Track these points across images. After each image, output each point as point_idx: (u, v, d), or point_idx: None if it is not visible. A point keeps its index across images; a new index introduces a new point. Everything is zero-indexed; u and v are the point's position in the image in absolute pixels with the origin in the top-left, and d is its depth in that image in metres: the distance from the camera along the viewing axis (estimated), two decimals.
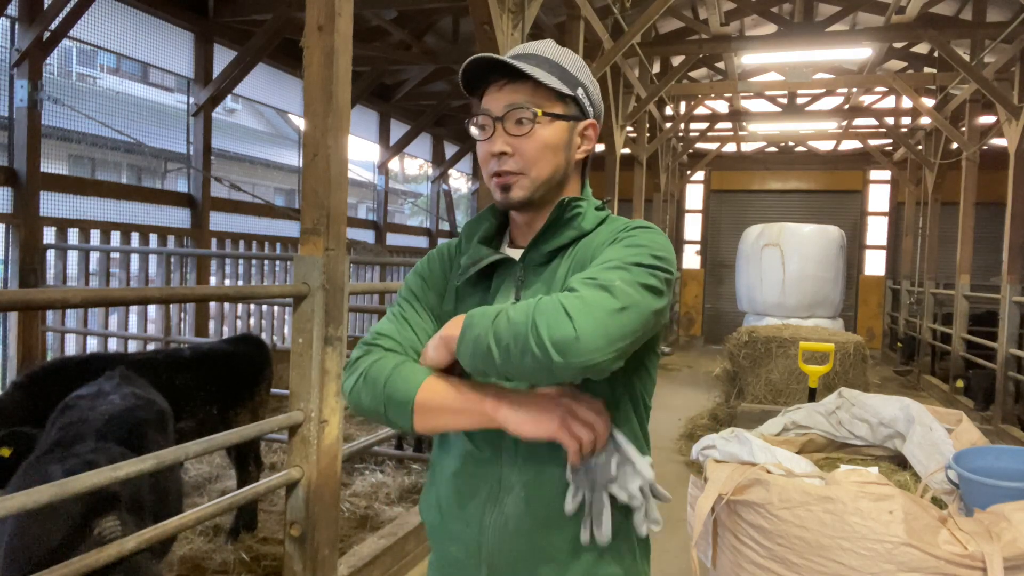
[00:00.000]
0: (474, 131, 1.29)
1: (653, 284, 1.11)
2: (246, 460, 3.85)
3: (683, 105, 11.98)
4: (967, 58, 7.93)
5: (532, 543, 1.21)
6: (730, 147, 14.33)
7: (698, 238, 14.99)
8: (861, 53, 8.80)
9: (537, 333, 1.03)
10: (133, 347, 6.47)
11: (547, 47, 1.30)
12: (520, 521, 1.21)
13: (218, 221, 7.54)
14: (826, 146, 14.17)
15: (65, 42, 5.81)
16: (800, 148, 14.44)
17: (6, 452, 2.52)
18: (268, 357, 4.05)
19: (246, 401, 3.82)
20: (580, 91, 1.29)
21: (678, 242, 14.59)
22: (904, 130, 11.84)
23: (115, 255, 6.39)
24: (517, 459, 1.22)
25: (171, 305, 6.37)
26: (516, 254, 1.32)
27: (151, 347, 6.34)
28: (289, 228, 8.60)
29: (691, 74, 11.46)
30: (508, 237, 1.38)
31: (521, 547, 1.21)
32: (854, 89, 10.86)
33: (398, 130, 11.14)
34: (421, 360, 1.23)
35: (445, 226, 13.20)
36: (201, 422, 3.49)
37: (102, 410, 2.49)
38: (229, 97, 7.92)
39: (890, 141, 12.73)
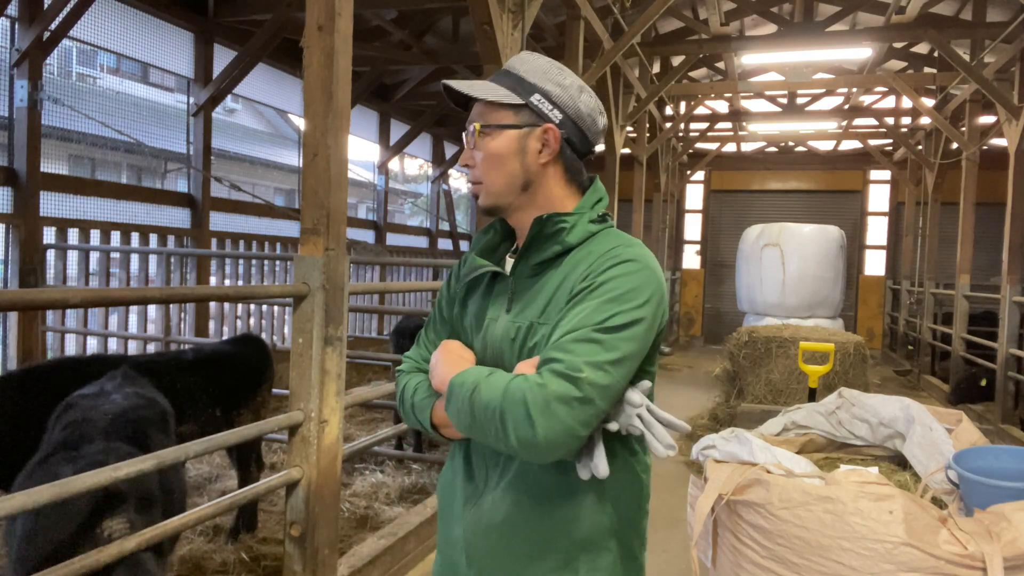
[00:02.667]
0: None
1: (626, 352, 1.17)
2: (247, 460, 3.84)
3: (683, 105, 11.98)
4: (967, 58, 7.93)
5: (502, 539, 1.29)
6: (730, 147, 14.32)
7: (698, 238, 14.98)
8: (861, 53, 8.80)
9: (504, 430, 1.13)
10: (133, 347, 6.47)
11: (522, 58, 1.35)
12: (492, 515, 1.30)
13: (218, 221, 7.54)
14: (826, 146, 14.17)
15: (65, 42, 5.81)
16: (800, 148, 14.43)
17: None
18: (269, 357, 4.05)
19: (248, 402, 3.82)
20: (536, 97, 1.31)
21: (678, 242, 14.60)
22: (904, 130, 11.83)
23: (115, 255, 6.39)
24: (499, 458, 1.31)
25: (171, 305, 6.37)
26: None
27: (152, 347, 6.35)
28: (289, 228, 8.60)
29: (691, 74, 11.45)
30: (514, 245, 1.45)
31: (493, 542, 1.30)
32: (854, 89, 10.86)
33: (398, 130, 11.14)
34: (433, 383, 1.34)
35: (445, 226, 13.20)
36: (204, 424, 3.49)
37: (105, 409, 2.49)
38: (229, 97, 7.92)
39: (890, 141, 12.73)
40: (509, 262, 1.39)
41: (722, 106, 12.77)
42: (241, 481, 3.86)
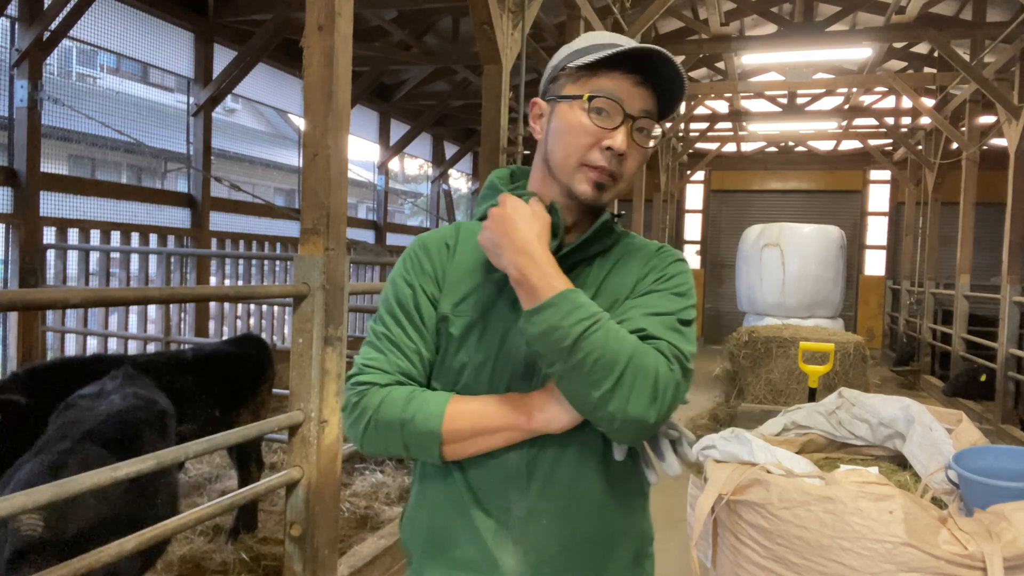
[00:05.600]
0: (588, 108, 1.15)
1: (695, 346, 1.14)
2: (247, 460, 3.84)
3: (683, 105, 11.98)
4: (967, 58, 7.93)
5: (556, 570, 1.16)
6: (730, 147, 14.32)
7: (698, 238, 14.98)
8: (861, 53, 8.81)
9: (615, 392, 1.02)
10: (133, 347, 6.47)
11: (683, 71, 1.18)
12: (543, 549, 1.14)
13: (218, 221, 7.54)
14: (826, 146, 14.17)
15: (65, 42, 5.81)
16: (800, 148, 14.44)
17: None
18: (270, 357, 4.05)
19: (248, 402, 3.82)
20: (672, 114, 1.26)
21: (678, 242, 14.59)
22: (904, 130, 11.83)
23: (115, 255, 6.39)
24: (531, 484, 1.14)
25: (171, 305, 6.36)
26: None
27: (152, 347, 6.34)
28: (289, 228, 8.60)
29: (691, 74, 11.45)
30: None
31: (546, 575, 1.15)
32: (854, 89, 10.86)
33: (398, 130, 11.14)
34: (529, 423, 1.11)
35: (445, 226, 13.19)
36: (203, 424, 3.49)
37: (99, 410, 2.49)
38: (229, 97, 7.92)
39: (890, 141, 12.73)
40: None
41: (722, 106, 12.77)
42: (241, 481, 3.86)
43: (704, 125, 13.18)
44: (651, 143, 1.19)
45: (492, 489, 1.15)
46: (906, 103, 11.23)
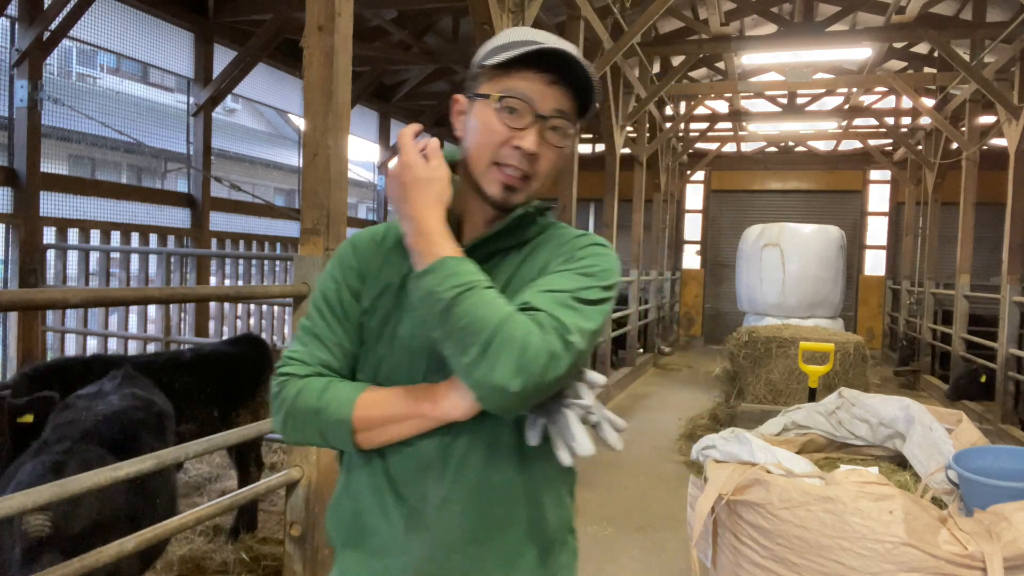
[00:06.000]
0: (499, 107, 1.15)
1: (597, 326, 1.11)
2: (247, 460, 3.85)
3: (683, 105, 11.98)
4: (967, 58, 7.93)
5: (467, 557, 1.15)
6: (730, 147, 14.32)
7: (698, 238, 14.98)
8: (861, 53, 8.81)
9: (482, 358, 1.02)
10: (133, 347, 6.47)
11: (590, 66, 1.16)
12: (452, 536, 1.15)
13: (218, 221, 7.54)
14: (826, 146, 14.17)
15: (65, 42, 5.81)
16: (800, 148, 14.44)
17: (29, 418, 2.54)
18: (269, 357, 4.05)
19: (248, 402, 3.82)
20: (592, 109, 1.23)
21: (678, 242, 14.60)
22: (904, 130, 11.84)
23: (115, 255, 6.39)
24: (445, 471, 1.15)
25: (171, 305, 6.36)
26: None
27: (152, 347, 6.34)
28: (289, 228, 8.60)
29: (691, 74, 11.46)
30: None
31: (455, 563, 1.15)
32: (854, 89, 10.86)
33: (398, 130, 11.11)
34: (433, 411, 1.13)
35: None
36: (203, 424, 3.49)
37: (96, 411, 2.49)
38: (229, 97, 7.92)
39: (890, 141, 12.74)
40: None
41: (722, 106, 12.77)
42: (241, 481, 3.87)
43: (704, 125, 13.19)
44: (567, 143, 1.18)
45: (410, 478, 1.16)
46: (906, 103, 11.23)
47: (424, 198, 1.12)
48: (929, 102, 9.51)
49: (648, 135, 10.33)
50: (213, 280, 7.39)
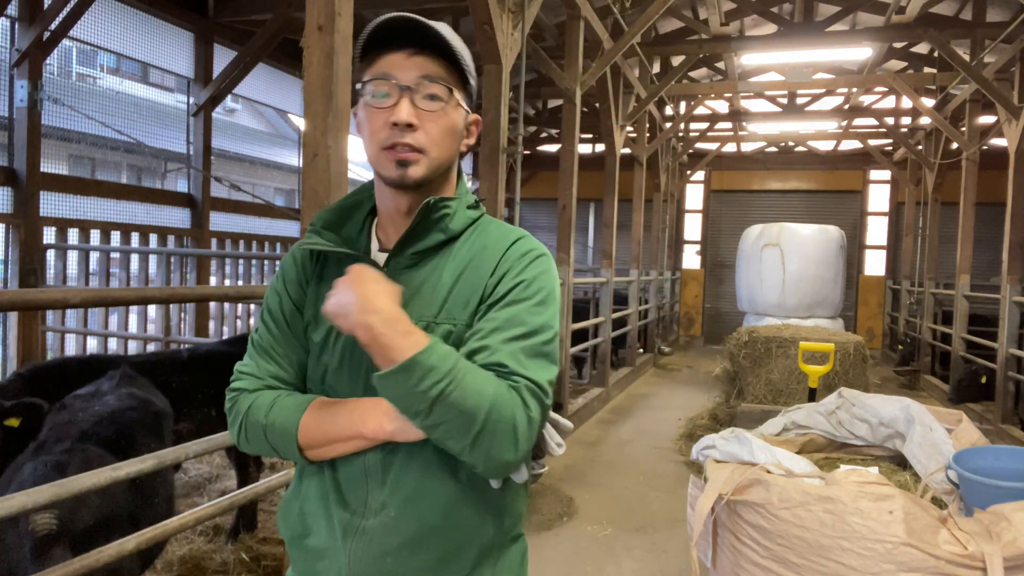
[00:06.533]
0: (369, 96, 1.16)
1: (557, 369, 1.14)
2: (246, 460, 3.85)
3: (683, 105, 11.98)
4: (967, 58, 7.93)
5: (399, 561, 1.15)
6: (730, 147, 14.33)
7: (698, 238, 14.99)
8: (861, 53, 8.80)
9: (478, 441, 1.04)
10: (133, 347, 6.47)
11: (447, 29, 1.18)
12: (385, 540, 1.15)
13: (218, 221, 7.55)
14: (826, 146, 14.18)
15: (65, 42, 5.81)
16: (800, 148, 14.44)
17: (15, 422, 2.55)
18: None
19: None
20: (472, 81, 1.22)
21: (678, 242, 14.60)
22: (904, 130, 11.84)
23: (115, 255, 6.39)
24: (386, 479, 1.16)
25: (171, 305, 6.37)
26: (380, 258, 1.23)
27: (152, 348, 6.35)
28: (289, 228, 8.60)
29: (691, 74, 11.45)
30: (372, 238, 1.27)
31: (388, 566, 1.16)
32: (854, 89, 10.86)
33: None
34: (377, 431, 1.13)
35: None
36: (200, 423, 3.49)
37: (94, 411, 2.50)
38: (229, 97, 7.92)
39: (890, 141, 12.74)
40: (376, 255, 1.24)
41: (722, 106, 12.77)
42: (240, 481, 3.86)
43: (704, 125, 13.19)
44: (449, 107, 1.17)
45: (354, 484, 1.17)
46: (906, 103, 11.23)
47: (378, 289, 1.08)
48: (929, 102, 9.51)
49: (648, 135, 10.33)
50: (213, 280, 7.39)
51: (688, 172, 14.22)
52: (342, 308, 1.07)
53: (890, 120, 11.77)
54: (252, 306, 7.79)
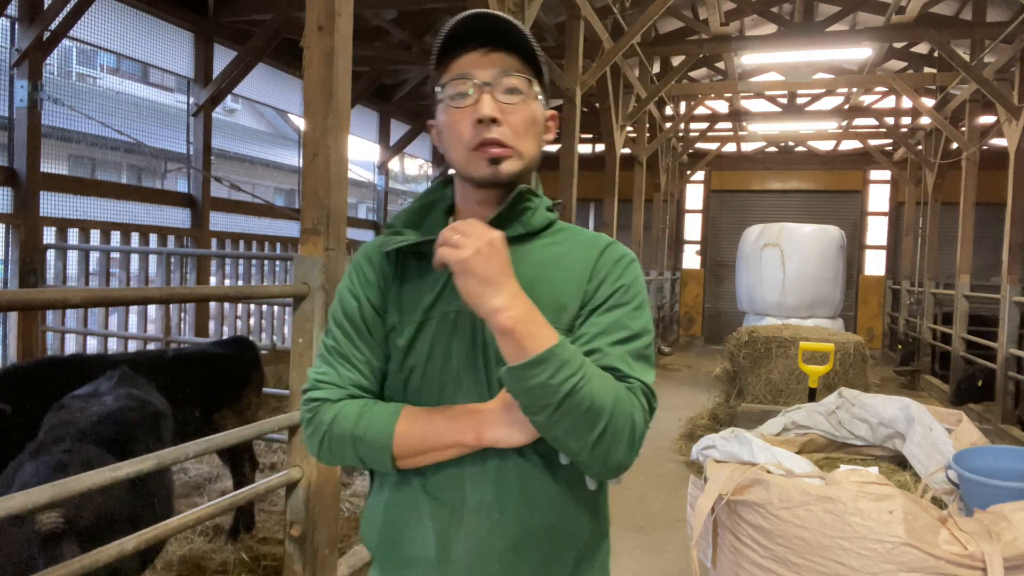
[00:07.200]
0: (448, 100, 1.15)
1: (653, 377, 1.17)
2: (241, 461, 3.78)
3: (683, 105, 11.98)
4: (967, 58, 7.93)
5: (506, 564, 1.14)
6: (730, 147, 14.33)
7: (698, 238, 14.99)
8: (861, 53, 8.81)
9: (601, 442, 1.05)
10: (133, 348, 6.47)
11: (518, 22, 1.17)
12: (491, 543, 1.13)
13: (218, 221, 7.55)
14: (826, 146, 14.18)
15: (65, 42, 5.81)
16: (800, 148, 14.44)
17: None
18: (256, 359, 3.96)
19: (232, 403, 3.74)
20: (547, 74, 1.21)
21: (678, 242, 14.60)
22: (904, 130, 11.84)
23: (115, 255, 6.40)
24: (485, 482, 1.13)
25: (171, 305, 6.37)
26: None
27: (152, 348, 6.34)
28: (289, 228, 8.60)
29: (691, 74, 11.46)
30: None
31: (493, 570, 1.13)
32: (854, 89, 10.87)
33: (398, 130, 11.15)
34: (478, 439, 1.11)
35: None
36: (183, 424, 3.44)
37: (92, 411, 2.49)
38: (229, 97, 7.92)
39: (890, 141, 12.74)
40: None
41: (722, 106, 12.77)
42: (236, 483, 3.82)
43: (704, 125, 13.19)
44: (531, 99, 1.15)
45: (447, 481, 1.14)
46: (906, 103, 11.23)
47: (507, 272, 1.05)
48: (929, 102, 9.51)
49: (648, 135, 10.33)
50: (213, 280, 7.40)
51: (688, 172, 14.22)
52: (480, 285, 1.03)
53: (890, 120, 11.77)
54: (252, 306, 7.80)
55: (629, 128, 8.82)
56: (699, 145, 13.69)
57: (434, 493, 1.15)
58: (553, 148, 14.53)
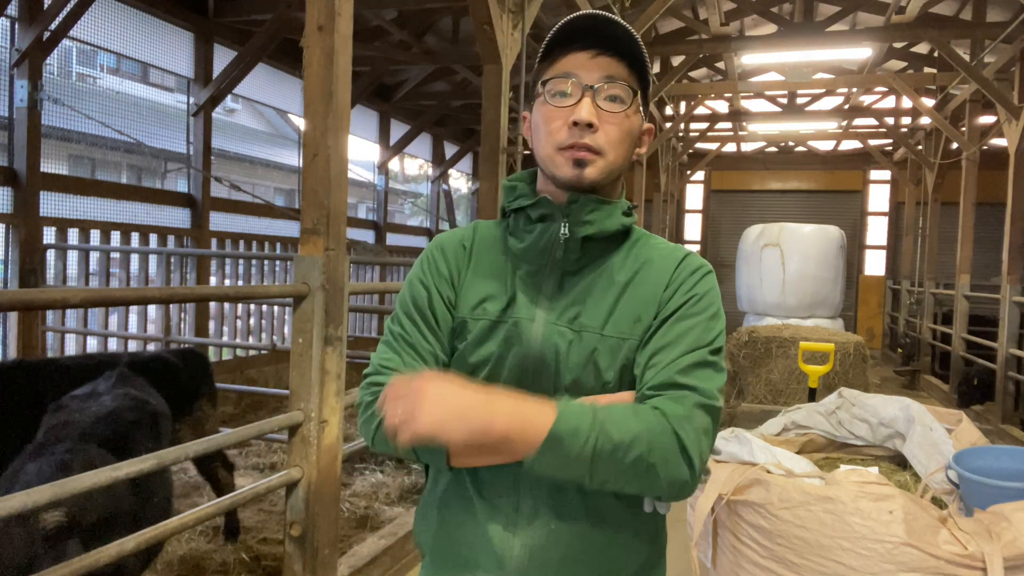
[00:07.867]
0: (548, 96, 1.14)
1: (719, 383, 1.11)
2: (214, 471, 3.59)
3: (683, 105, 11.98)
4: (967, 58, 7.93)
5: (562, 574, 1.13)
6: (730, 147, 14.33)
7: (698, 238, 14.99)
8: (861, 53, 8.80)
9: (652, 474, 1.01)
10: (133, 348, 6.47)
11: (632, 30, 1.15)
12: (547, 554, 1.12)
13: (218, 221, 7.54)
14: (826, 146, 14.17)
15: (65, 42, 5.81)
16: (800, 148, 14.44)
17: None
18: (207, 371, 3.72)
19: (183, 415, 3.46)
20: (651, 89, 1.20)
21: (678, 242, 14.55)
22: (904, 130, 11.84)
23: (115, 255, 6.40)
24: (540, 490, 1.12)
25: (171, 305, 6.37)
26: None
27: (152, 348, 6.34)
28: (289, 228, 8.60)
29: (691, 74, 11.45)
30: None
31: None
32: (854, 89, 10.86)
33: (398, 130, 11.14)
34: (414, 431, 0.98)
35: (445, 226, 13.20)
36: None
37: (90, 411, 2.49)
38: (229, 97, 7.92)
39: (890, 141, 12.74)
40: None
41: (722, 106, 12.77)
42: (216, 490, 3.62)
43: (704, 125, 13.18)
44: (630, 111, 1.14)
45: (502, 485, 1.12)
46: (906, 103, 11.23)
47: (460, 399, 0.97)
48: (929, 102, 9.51)
49: None
50: (213, 280, 7.39)
51: (688, 172, 14.21)
52: (449, 421, 0.95)
53: (890, 120, 11.77)
54: (252, 306, 7.80)
55: None
56: (699, 145, 13.68)
57: (488, 497, 1.13)
58: None
